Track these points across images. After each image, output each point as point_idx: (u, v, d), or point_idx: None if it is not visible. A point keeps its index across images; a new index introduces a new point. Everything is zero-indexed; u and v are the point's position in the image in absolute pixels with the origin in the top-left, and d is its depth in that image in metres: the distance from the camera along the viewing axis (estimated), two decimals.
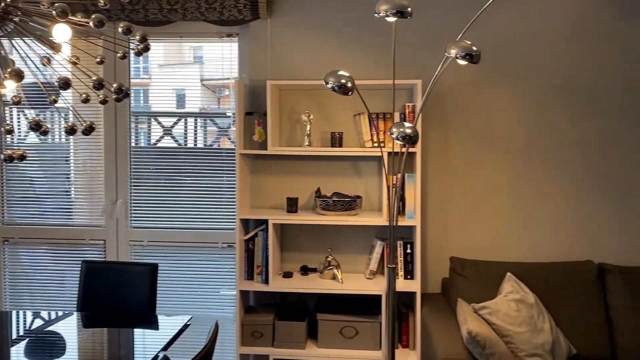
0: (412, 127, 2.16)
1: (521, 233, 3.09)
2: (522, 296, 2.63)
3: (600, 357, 2.70)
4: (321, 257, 3.16)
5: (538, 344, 2.48)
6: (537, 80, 3.02)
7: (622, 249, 3.04)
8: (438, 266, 3.15)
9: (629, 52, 2.97)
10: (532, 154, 3.05)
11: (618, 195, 3.02)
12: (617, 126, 3.00)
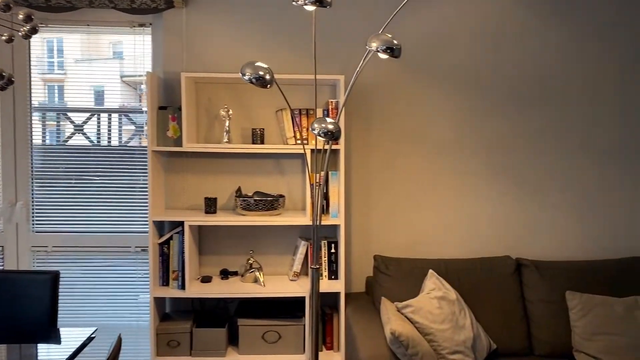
0: (334, 123, 2.08)
1: (443, 230, 3.10)
2: (444, 293, 2.63)
3: (518, 351, 2.75)
4: (242, 259, 3.03)
5: (460, 341, 2.48)
6: (457, 78, 3.05)
7: (538, 244, 3.12)
8: (362, 265, 3.10)
9: (545, 52, 3.05)
10: (452, 151, 3.07)
11: (534, 191, 3.11)
12: (533, 125, 3.08)
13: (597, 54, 3.06)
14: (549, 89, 3.07)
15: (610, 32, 3.06)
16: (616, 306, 2.67)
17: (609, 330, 2.61)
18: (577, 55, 3.06)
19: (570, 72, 3.06)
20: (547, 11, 3.04)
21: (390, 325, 2.25)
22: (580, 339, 2.66)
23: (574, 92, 3.07)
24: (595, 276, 2.85)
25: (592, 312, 2.67)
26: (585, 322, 2.66)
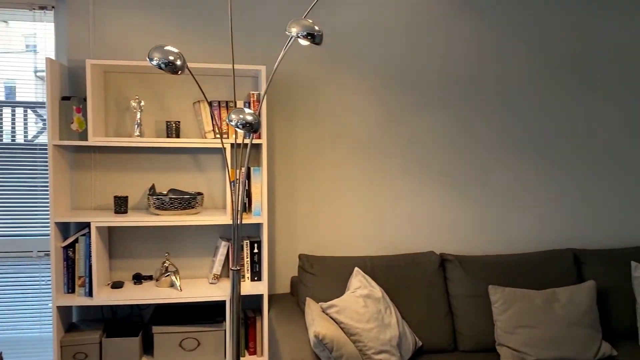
0: (252, 114, 1.95)
1: (368, 227, 3.04)
2: (369, 291, 2.56)
3: (443, 347, 2.74)
4: (157, 263, 2.82)
5: (386, 340, 2.42)
6: (380, 74, 3.00)
7: (461, 239, 3.14)
8: (287, 265, 2.99)
9: (465, 50, 3.06)
10: (376, 147, 3.02)
11: (456, 187, 3.11)
12: (454, 121, 3.09)
13: (515, 52, 3.12)
14: (469, 86, 3.09)
15: (527, 31, 3.12)
16: (536, 299, 2.72)
17: (529, 323, 2.65)
18: (496, 54, 3.10)
19: (489, 70, 3.10)
20: (469, 9, 3.06)
21: (314, 327, 2.15)
22: (503, 332, 2.68)
23: (493, 89, 3.11)
24: (516, 270, 2.90)
25: (513, 305, 2.69)
26: (507, 316, 2.68)
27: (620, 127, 3.25)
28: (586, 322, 2.67)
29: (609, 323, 2.90)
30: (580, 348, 2.62)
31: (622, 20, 3.20)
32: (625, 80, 3.23)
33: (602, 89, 3.21)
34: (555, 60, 3.15)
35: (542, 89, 3.15)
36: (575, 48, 3.17)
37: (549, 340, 2.61)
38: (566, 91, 3.18)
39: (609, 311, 2.91)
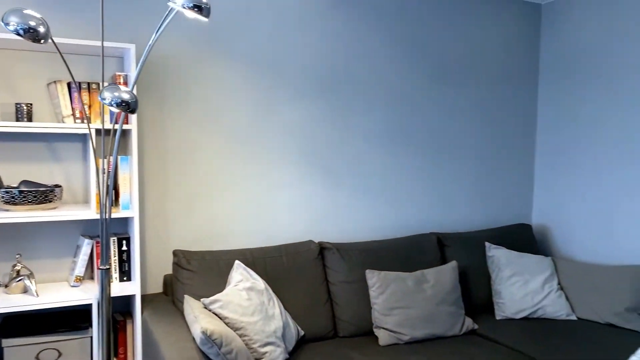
0: (129, 92, 1.77)
1: (246, 218, 2.96)
2: (252, 283, 2.48)
3: (324, 335, 2.76)
4: (7, 266, 2.45)
5: (271, 332, 2.36)
6: (257, 62, 2.93)
7: (338, 227, 3.20)
8: (158, 263, 2.78)
9: (343, 40, 3.12)
10: (252, 137, 2.95)
11: (331, 177, 3.16)
12: (331, 111, 3.13)
13: (380, 49, 3.25)
14: (342, 79, 3.15)
15: (389, 29, 3.27)
16: (408, 280, 2.86)
17: (403, 304, 2.77)
18: (365, 49, 3.20)
19: (359, 64, 3.19)
20: (344, 3, 3.12)
21: (199, 324, 2.01)
22: (380, 315, 2.77)
23: (364, 83, 3.21)
24: (389, 254, 3.02)
25: (389, 288, 2.80)
26: (384, 298, 2.78)
27: (473, 121, 3.56)
28: (451, 300, 2.88)
29: (470, 299, 3.16)
30: (447, 325, 2.81)
31: (472, 20, 3.50)
32: (476, 76, 3.54)
33: (455, 84, 3.48)
34: (415, 57, 3.35)
35: (403, 84, 3.33)
36: (431, 46, 3.39)
37: (421, 319, 2.76)
38: (424, 87, 3.39)
39: (469, 288, 3.17)
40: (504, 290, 3.12)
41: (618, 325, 2.91)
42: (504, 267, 3.18)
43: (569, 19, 3.53)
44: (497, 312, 3.11)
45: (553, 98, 3.66)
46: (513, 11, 3.62)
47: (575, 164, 3.52)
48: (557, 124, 3.64)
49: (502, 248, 3.28)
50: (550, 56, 3.67)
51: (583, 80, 3.45)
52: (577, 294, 3.10)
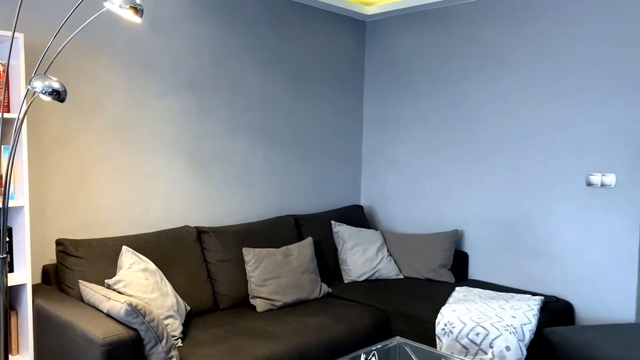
0: (59, 81, 1.89)
1: (125, 206, 3.08)
2: (145, 265, 2.67)
3: (206, 309, 3.05)
4: None
5: (169, 306, 2.59)
6: (129, 54, 3.06)
7: (209, 212, 3.48)
8: (36, 253, 2.76)
9: (210, 41, 3.39)
10: (127, 126, 3.08)
11: (201, 166, 3.43)
12: (199, 105, 3.39)
13: (244, 49, 3.62)
14: (213, 75, 3.44)
15: (253, 32, 3.66)
16: (277, 255, 3.30)
17: (275, 275, 3.20)
18: (230, 48, 3.53)
19: (227, 62, 3.52)
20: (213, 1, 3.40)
21: (117, 299, 2.18)
22: (256, 286, 3.16)
23: (229, 79, 3.54)
24: (257, 234, 3.42)
25: (263, 262, 3.21)
26: (259, 271, 3.18)
27: (317, 119, 4.13)
28: (311, 269, 3.40)
29: (323, 268, 3.73)
30: (310, 290, 3.32)
31: (315, 32, 4.07)
32: (320, 81, 4.12)
33: (305, 87, 4.01)
34: (272, 62, 3.79)
35: (263, 85, 3.74)
36: (284, 53, 3.87)
37: (290, 287, 3.22)
38: (281, 88, 3.86)
39: (322, 259, 3.74)
40: (348, 259, 3.76)
41: (434, 279, 3.75)
42: (347, 240, 3.81)
43: (388, 34, 4.32)
44: (345, 277, 3.74)
45: (375, 101, 4.43)
46: (344, 26, 4.28)
47: (393, 156, 4.33)
48: (379, 123, 4.41)
49: (344, 225, 3.91)
50: (373, 66, 4.43)
51: (399, 87, 4.27)
52: (402, 258, 3.88)
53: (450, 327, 2.91)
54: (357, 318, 3.06)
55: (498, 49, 3.68)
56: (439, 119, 4.04)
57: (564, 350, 2.73)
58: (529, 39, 3.53)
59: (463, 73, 3.87)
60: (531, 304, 3.07)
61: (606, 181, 3.23)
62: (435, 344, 2.97)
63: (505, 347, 2.72)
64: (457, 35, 3.89)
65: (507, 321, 2.84)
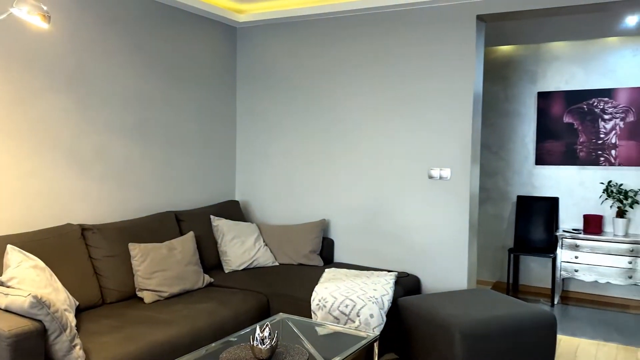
0: None
1: (5, 205, 3.03)
2: (34, 263, 2.71)
3: (94, 303, 3.13)
4: None
5: (63, 300, 2.67)
6: (11, 53, 3.03)
7: (91, 210, 3.52)
8: None
9: (84, 43, 3.44)
10: (9, 126, 3.04)
11: (82, 164, 3.47)
12: (79, 105, 3.42)
13: (121, 46, 3.71)
14: (92, 74, 3.49)
15: (131, 28, 3.76)
16: (162, 249, 3.47)
17: (161, 268, 3.38)
18: (117, 49, 3.61)
19: (110, 61, 3.59)
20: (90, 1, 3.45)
21: (23, 293, 2.25)
22: (142, 279, 3.31)
23: (112, 77, 3.62)
24: (140, 230, 3.55)
25: (149, 256, 3.37)
26: (145, 265, 3.33)
27: (194, 118, 4.33)
28: (194, 262, 3.62)
29: (204, 260, 3.96)
30: (194, 281, 3.55)
31: (189, 35, 4.27)
32: (195, 81, 4.32)
33: (180, 87, 4.20)
34: (149, 63, 3.92)
35: (141, 84, 3.86)
36: (160, 55, 4.02)
37: (175, 278, 3.42)
38: (157, 88, 4.00)
39: (203, 252, 3.97)
40: (228, 250, 4.04)
41: (306, 263, 4.18)
42: (226, 233, 4.09)
43: (259, 40, 4.66)
44: (225, 267, 4.01)
45: (248, 101, 4.75)
46: (216, 30, 4.54)
47: (265, 153, 4.69)
48: (252, 122, 4.74)
49: (222, 219, 4.18)
50: (245, 68, 4.74)
51: (269, 88, 4.64)
52: (277, 247, 4.26)
53: (323, 302, 3.35)
54: (241, 302, 3.37)
55: (357, 55, 4.22)
56: (307, 118, 4.48)
57: (415, 315, 3.32)
58: (385, 50, 4.11)
59: (327, 77, 4.36)
60: (388, 279, 3.63)
61: (443, 174, 3.92)
62: (312, 318, 3.39)
63: (370, 315, 3.23)
64: (322, 43, 4.37)
65: (370, 294, 3.35)
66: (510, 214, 5.53)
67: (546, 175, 5.33)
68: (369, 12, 4.14)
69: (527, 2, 3.59)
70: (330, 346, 2.70)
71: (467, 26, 3.80)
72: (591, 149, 5.10)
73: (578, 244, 4.89)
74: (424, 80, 3.97)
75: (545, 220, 5.25)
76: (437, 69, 3.92)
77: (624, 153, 4.96)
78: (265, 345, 2.36)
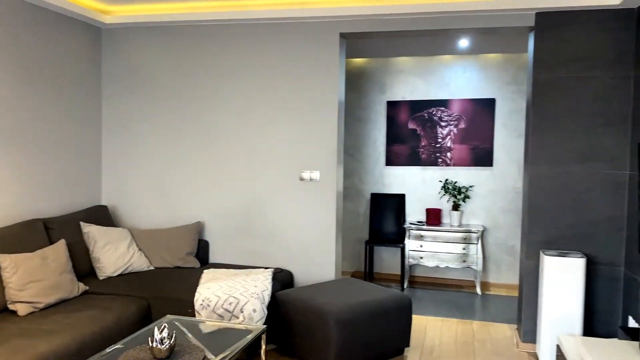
0: None
1: None
2: None
3: None
4: None
5: None
6: None
7: None
8: None
9: None
10: None
11: None
12: None
13: None
14: None
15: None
16: (34, 259, 3.33)
17: (35, 279, 3.26)
18: None
19: None
20: None
21: None
22: (15, 291, 3.16)
23: None
24: (9, 240, 3.37)
25: (21, 267, 3.22)
26: (17, 276, 3.19)
27: (60, 118, 4.15)
28: (68, 270, 3.53)
29: (77, 267, 3.85)
30: (69, 289, 3.46)
31: (42, 35, 4.09)
32: (64, 80, 4.14)
33: (44, 85, 4.00)
34: (8, 59, 3.70)
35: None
36: (20, 52, 3.81)
37: (51, 288, 3.32)
38: (13, 87, 3.78)
39: (75, 259, 3.85)
40: (101, 256, 3.97)
41: (182, 266, 4.26)
42: (99, 240, 4.02)
43: (127, 43, 4.60)
44: (99, 274, 3.94)
45: (115, 104, 4.66)
46: (78, 30, 4.39)
47: (134, 157, 4.65)
48: (119, 125, 4.66)
49: (92, 225, 4.09)
50: (111, 70, 4.64)
51: (138, 92, 4.61)
52: (151, 251, 4.28)
53: (207, 301, 3.51)
54: (123, 308, 3.38)
55: (230, 62, 4.41)
56: (177, 122, 4.54)
57: (292, 306, 3.63)
58: (258, 59, 4.35)
59: (199, 82, 4.47)
60: (266, 275, 3.90)
61: (313, 176, 4.29)
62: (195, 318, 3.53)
63: (253, 309, 3.46)
64: (194, 49, 4.46)
65: (252, 290, 3.59)
66: (366, 210, 6.12)
67: (395, 174, 6.00)
68: (240, 23, 4.34)
69: (382, 25, 4.10)
70: (222, 342, 2.88)
71: (332, 42, 4.20)
72: (431, 152, 5.87)
73: (422, 234, 5.61)
74: (295, 89, 4.29)
75: (395, 214, 5.92)
76: (306, 78, 4.26)
77: (457, 155, 5.80)
78: (164, 345, 2.48)
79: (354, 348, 3.37)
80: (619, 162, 3.73)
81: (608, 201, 3.75)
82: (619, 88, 3.71)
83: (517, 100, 5.63)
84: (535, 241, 3.89)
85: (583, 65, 3.76)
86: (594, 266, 3.79)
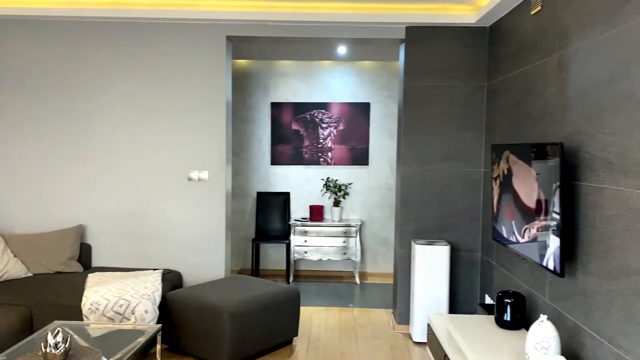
0: None
1: None
2: None
3: None
4: None
5: None
6: None
7: None
8: None
9: None
10: None
11: None
12: None
13: None
14: None
15: None
16: None
17: None
18: None
19: None
20: None
21: None
22: None
23: None
24: None
25: None
26: None
27: None
28: None
29: None
30: None
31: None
32: None
33: None
34: None
35: None
36: None
37: None
38: None
39: None
40: None
41: (64, 271, 4.11)
42: None
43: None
44: None
45: None
46: None
47: (7, 157, 4.37)
48: None
49: None
50: None
51: (12, 89, 4.33)
52: (28, 257, 4.07)
53: (96, 305, 3.45)
54: (1, 317, 3.22)
55: (114, 61, 4.31)
56: (57, 122, 4.35)
57: (184, 305, 3.69)
58: (144, 59, 4.30)
59: (80, 81, 4.32)
60: (155, 276, 3.90)
61: (202, 176, 4.36)
62: None
63: (144, 310, 3.47)
64: (72, 46, 4.30)
65: (142, 292, 3.59)
66: (252, 208, 6.28)
67: (280, 173, 6.23)
68: (122, 21, 4.27)
69: (266, 30, 4.28)
70: (116, 344, 2.89)
71: (219, 44, 4.30)
72: (313, 152, 6.18)
73: (306, 230, 5.89)
74: (183, 90, 4.32)
75: (280, 212, 6.14)
76: (194, 79, 4.32)
77: (337, 155, 6.17)
78: (59, 349, 2.45)
79: (246, 340, 3.53)
80: (476, 161, 4.28)
81: (467, 195, 4.29)
82: (475, 96, 4.26)
83: (390, 104, 6.13)
84: (407, 232, 4.32)
85: (445, 75, 4.26)
86: (456, 252, 4.32)
